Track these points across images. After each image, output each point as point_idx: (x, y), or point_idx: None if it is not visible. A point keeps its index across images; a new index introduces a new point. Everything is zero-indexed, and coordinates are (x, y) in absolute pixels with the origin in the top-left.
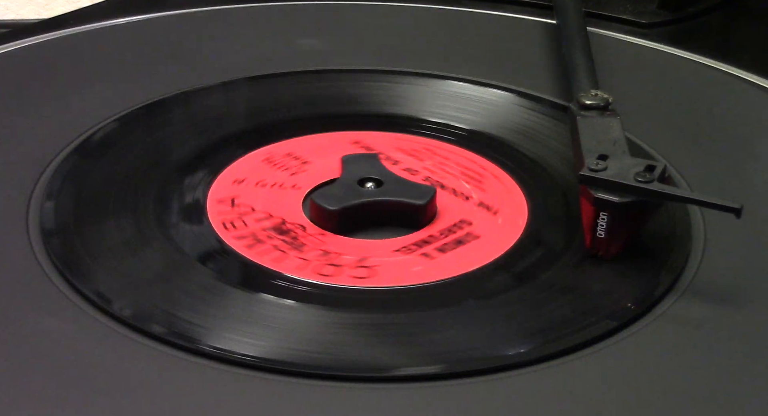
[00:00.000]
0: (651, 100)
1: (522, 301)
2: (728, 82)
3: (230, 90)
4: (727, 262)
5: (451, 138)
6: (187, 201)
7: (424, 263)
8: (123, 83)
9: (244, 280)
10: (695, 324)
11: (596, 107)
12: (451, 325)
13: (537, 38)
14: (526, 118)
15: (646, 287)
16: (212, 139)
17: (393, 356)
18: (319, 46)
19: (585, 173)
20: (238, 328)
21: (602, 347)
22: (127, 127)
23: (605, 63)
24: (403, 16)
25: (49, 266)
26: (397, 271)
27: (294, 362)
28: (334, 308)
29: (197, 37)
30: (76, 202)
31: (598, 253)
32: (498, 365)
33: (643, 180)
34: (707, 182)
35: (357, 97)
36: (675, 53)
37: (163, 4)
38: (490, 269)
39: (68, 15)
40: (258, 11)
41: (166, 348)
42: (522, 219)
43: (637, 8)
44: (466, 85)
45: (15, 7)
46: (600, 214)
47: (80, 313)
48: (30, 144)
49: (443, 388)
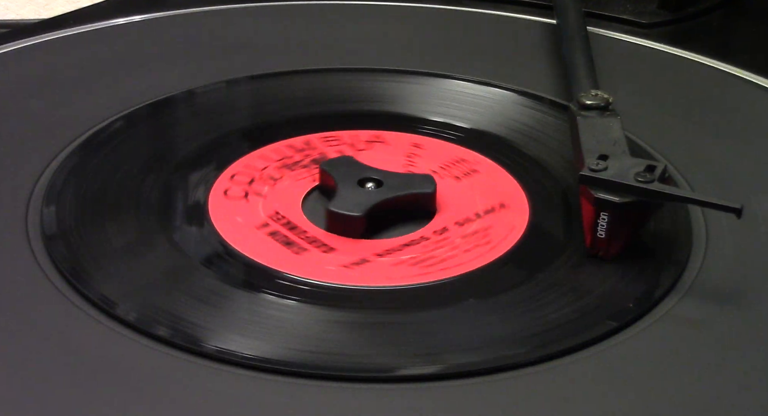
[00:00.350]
0: (651, 100)
1: (522, 301)
2: (728, 82)
3: (230, 90)
4: (728, 262)
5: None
6: (189, 202)
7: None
8: (123, 83)
9: (247, 281)
10: (696, 324)
11: (596, 107)
12: (451, 325)
13: (537, 38)
14: (526, 117)
15: (646, 288)
16: (213, 138)
17: (393, 356)
18: (319, 45)
19: (585, 173)
20: (240, 329)
21: (603, 347)
22: (128, 127)
23: (605, 63)
24: (404, 16)
25: (51, 268)
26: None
27: (296, 362)
28: (334, 309)
29: (197, 37)
30: (76, 203)
31: (598, 253)
32: (498, 365)
33: (644, 180)
34: (707, 182)
35: (358, 96)
36: (675, 53)
37: (163, 4)
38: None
39: (68, 15)
40: (258, 11)
41: (169, 350)
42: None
43: (637, 8)
44: (466, 85)
45: (15, 7)
46: (600, 214)
47: (82, 315)
48: (30, 144)
49: (443, 388)
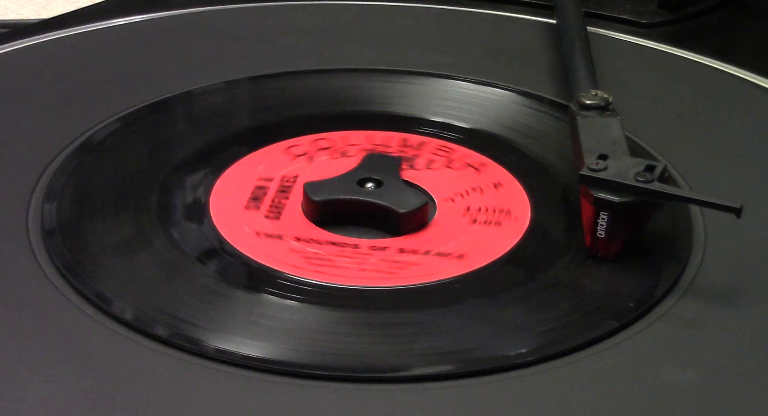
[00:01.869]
0: (651, 100)
1: (523, 301)
2: (728, 82)
3: (230, 90)
4: (728, 262)
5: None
6: (188, 201)
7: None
8: (123, 83)
9: (246, 280)
10: (696, 324)
11: (596, 106)
12: (451, 325)
13: (537, 38)
14: (526, 117)
15: (646, 288)
16: (213, 138)
17: (394, 356)
18: (318, 46)
19: (585, 173)
20: (239, 329)
21: (603, 347)
22: (127, 127)
23: (605, 63)
24: (403, 16)
25: (49, 266)
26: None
27: (295, 362)
28: (335, 309)
29: (197, 37)
30: (76, 202)
31: (598, 253)
32: (498, 365)
33: (643, 180)
34: (707, 182)
35: (358, 96)
36: (675, 53)
37: (163, 4)
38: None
39: (68, 15)
40: (257, 11)
41: (167, 349)
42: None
43: (637, 8)
44: (466, 85)
45: (15, 7)
46: (600, 214)
47: (80, 314)
48: (30, 144)
49: (444, 388)
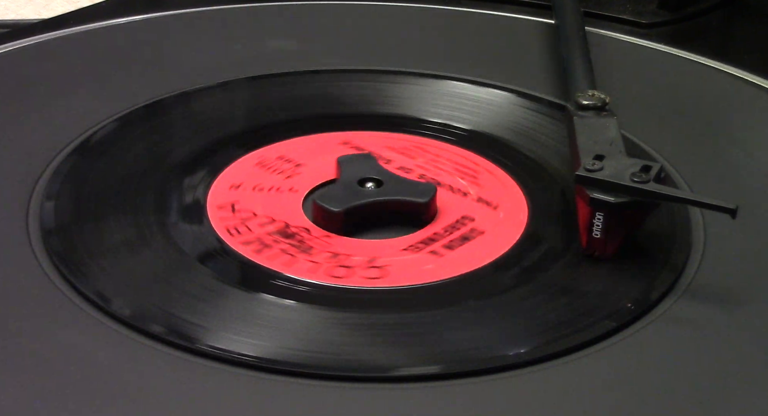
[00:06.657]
0: (651, 100)
1: (522, 301)
2: (728, 82)
3: (229, 91)
4: (727, 262)
5: (451, 138)
6: (187, 201)
7: (433, 261)
8: (123, 83)
9: (244, 280)
10: (695, 324)
11: (593, 107)
12: (451, 325)
13: (536, 38)
14: (525, 118)
15: (645, 288)
16: (212, 139)
17: (393, 356)
18: (318, 46)
19: (581, 173)
20: (237, 328)
21: (602, 347)
22: (127, 127)
23: (605, 63)
24: (403, 16)
25: (49, 265)
26: (401, 271)
27: (293, 362)
28: (333, 309)
29: (197, 37)
30: (76, 202)
31: (594, 253)
32: (498, 365)
33: (639, 180)
34: (706, 182)
35: (357, 97)
36: (675, 53)
37: (163, 4)
38: (489, 269)
39: (68, 15)
40: (257, 11)
41: (165, 348)
42: (521, 219)
43: (637, 8)
44: (465, 85)
45: (15, 7)
46: (596, 214)
47: (79, 312)
48: (30, 144)
49: (443, 388)
